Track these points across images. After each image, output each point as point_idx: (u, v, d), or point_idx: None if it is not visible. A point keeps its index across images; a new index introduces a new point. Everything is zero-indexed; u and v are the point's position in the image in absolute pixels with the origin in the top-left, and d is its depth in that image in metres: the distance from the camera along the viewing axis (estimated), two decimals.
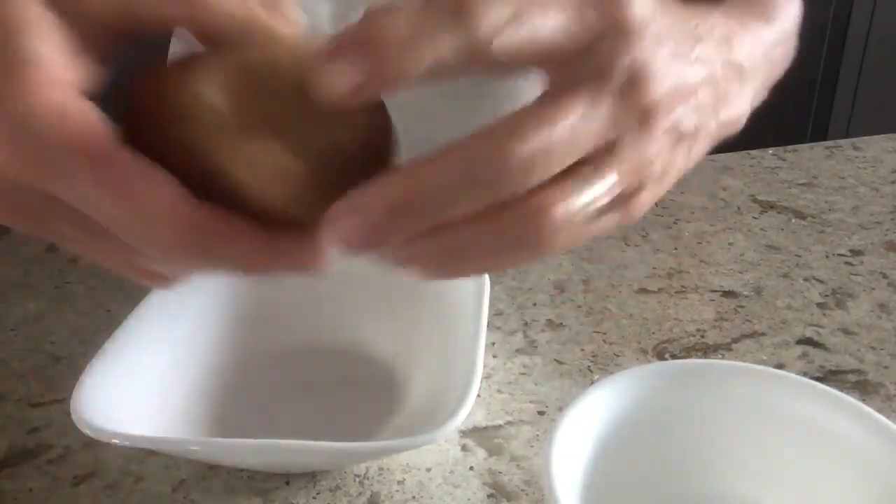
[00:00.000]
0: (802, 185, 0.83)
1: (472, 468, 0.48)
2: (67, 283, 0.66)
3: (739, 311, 0.63)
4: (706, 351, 0.58)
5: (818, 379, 0.52)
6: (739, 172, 0.85)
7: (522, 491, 0.47)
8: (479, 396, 0.52)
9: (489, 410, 0.52)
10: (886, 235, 0.73)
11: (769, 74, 0.42)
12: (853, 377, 0.56)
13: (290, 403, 0.53)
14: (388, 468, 0.48)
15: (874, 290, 0.66)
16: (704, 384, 0.42)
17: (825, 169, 0.86)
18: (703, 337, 0.60)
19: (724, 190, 0.82)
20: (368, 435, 0.49)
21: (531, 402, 0.53)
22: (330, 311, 0.58)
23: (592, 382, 0.50)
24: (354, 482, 0.47)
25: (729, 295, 0.65)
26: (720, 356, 0.58)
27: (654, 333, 0.60)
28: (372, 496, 0.46)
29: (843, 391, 0.41)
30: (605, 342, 0.59)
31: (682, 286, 0.66)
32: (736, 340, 0.59)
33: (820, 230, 0.74)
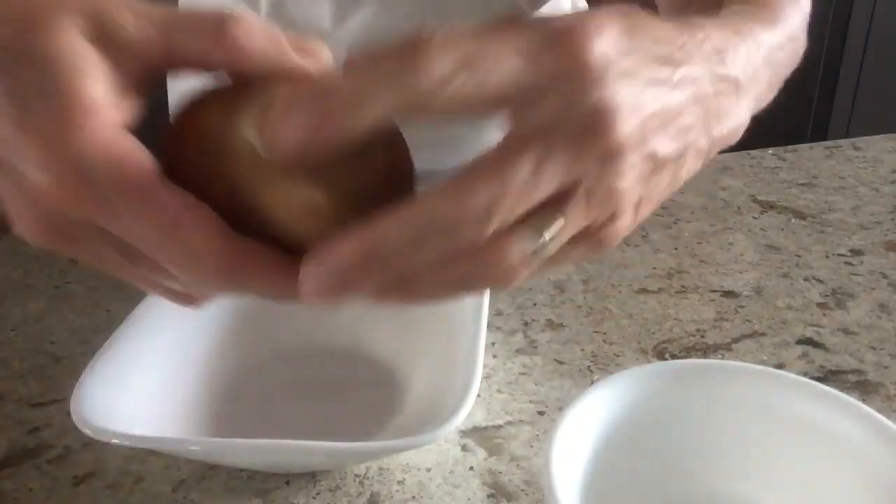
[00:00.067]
0: (802, 185, 0.83)
1: (472, 468, 0.48)
2: (67, 283, 0.66)
3: (739, 311, 0.63)
4: (706, 351, 0.58)
5: (818, 379, 0.52)
6: (739, 172, 0.85)
7: (522, 491, 0.47)
8: (479, 396, 0.52)
9: (489, 410, 0.52)
10: (886, 235, 0.73)
11: (773, 79, 0.42)
12: (853, 377, 0.56)
13: (290, 403, 0.53)
14: (388, 468, 0.48)
15: (874, 290, 0.66)
16: (704, 384, 0.42)
17: (825, 169, 0.86)
18: (703, 337, 0.60)
19: (724, 190, 0.82)
20: (368, 435, 0.49)
21: (531, 402, 0.53)
22: (330, 311, 0.58)
23: (592, 382, 0.50)
24: (354, 482, 0.47)
25: (729, 295, 0.65)
26: (720, 356, 0.58)
27: (654, 333, 0.60)
28: (372, 496, 0.46)
29: (843, 391, 0.41)
30: (605, 342, 0.59)
31: (682, 286, 0.66)
32: (736, 340, 0.59)
33: (820, 230, 0.74)
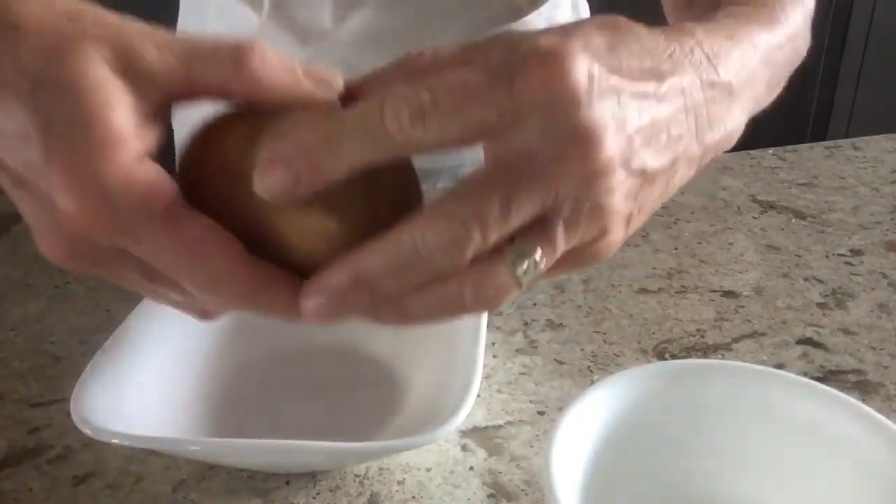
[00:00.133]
0: (802, 185, 0.83)
1: (472, 468, 0.48)
2: (67, 283, 0.66)
3: (739, 311, 0.63)
4: (706, 351, 0.58)
5: (818, 379, 0.52)
6: (739, 172, 0.85)
7: (522, 491, 0.47)
8: (479, 396, 0.52)
9: (489, 410, 0.52)
10: (886, 235, 0.73)
11: (772, 79, 0.42)
12: (853, 377, 0.56)
13: (290, 403, 0.53)
14: (388, 468, 0.48)
15: (874, 290, 0.66)
16: (704, 384, 0.42)
17: (825, 169, 0.86)
18: (703, 337, 0.60)
19: (724, 190, 0.82)
20: (368, 435, 0.49)
21: (531, 402, 0.53)
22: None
23: (592, 382, 0.50)
24: (354, 482, 0.47)
25: (729, 295, 0.65)
26: (720, 356, 0.58)
27: (654, 333, 0.60)
28: (372, 496, 0.46)
29: (843, 391, 0.41)
30: (605, 342, 0.59)
31: (682, 286, 0.66)
32: (736, 340, 0.59)
33: (820, 230, 0.74)
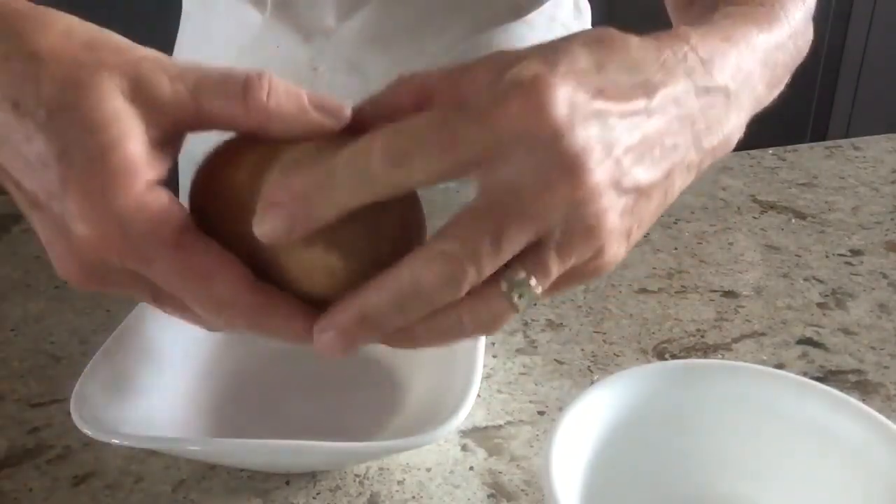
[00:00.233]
0: (802, 185, 0.83)
1: (472, 468, 0.48)
2: (67, 283, 0.66)
3: (739, 311, 0.63)
4: (706, 351, 0.58)
5: (818, 379, 0.52)
6: (739, 172, 0.85)
7: (522, 491, 0.46)
8: (479, 396, 0.52)
9: (489, 410, 0.52)
10: (886, 235, 0.73)
11: (772, 79, 0.42)
12: (853, 377, 0.56)
13: (290, 403, 0.53)
14: (388, 468, 0.48)
15: (874, 290, 0.66)
16: (704, 384, 0.42)
17: (825, 169, 0.86)
18: (703, 337, 0.60)
19: (724, 190, 0.82)
20: (368, 435, 0.49)
21: (531, 402, 0.53)
22: None
23: (592, 382, 0.50)
24: (354, 482, 0.47)
25: (729, 295, 0.65)
26: (720, 356, 0.58)
27: (654, 333, 0.60)
28: (372, 496, 0.46)
29: (843, 391, 0.41)
30: (605, 342, 0.59)
31: (682, 286, 0.66)
32: (736, 340, 0.59)
33: (820, 230, 0.74)
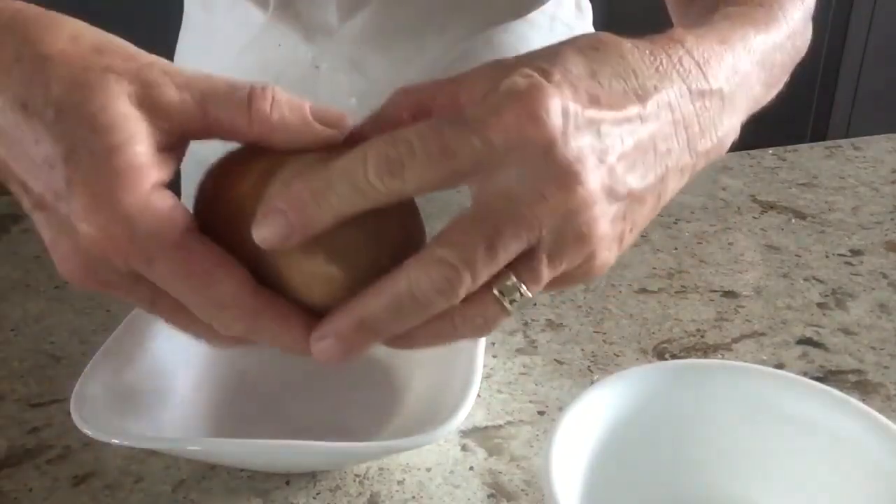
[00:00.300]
0: (802, 185, 0.83)
1: (472, 468, 0.48)
2: (67, 283, 0.66)
3: (739, 311, 0.63)
4: (706, 351, 0.58)
5: (818, 379, 0.52)
6: (739, 172, 0.85)
7: (522, 491, 0.46)
8: (479, 396, 0.52)
9: (489, 410, 0.52)
10: (886, 235, 0.73)
11: (770, 79, 0.42)
12: (853, 377, 0.56)
13: (289, 403, 0.53)
14: (388, 468, 0.48)
15: (874, 290, 0.66)
16: (704, 384, 0.42)
17: (825, 169, 0.86)
18: (703, 337, 0.60)
19: (724, 190, 0.82)
20: (368, 435, 0.49)
21: (531, 402, 0.53)
22: None
23: (592, 382, 0.50)
24: (354, 482, 0.47)
25: (729, 295, 0.65)
26: (720, 356, 0.58)
27: (654, 333, 0.60)
28: (372, 496, 0.46)
29: (843, 391, 0.41)
30: (605, 342, 0.59)
31: (682, 286, 0.66)
32: (736, 340, 0.59)
33: (820, 230, 0.74)
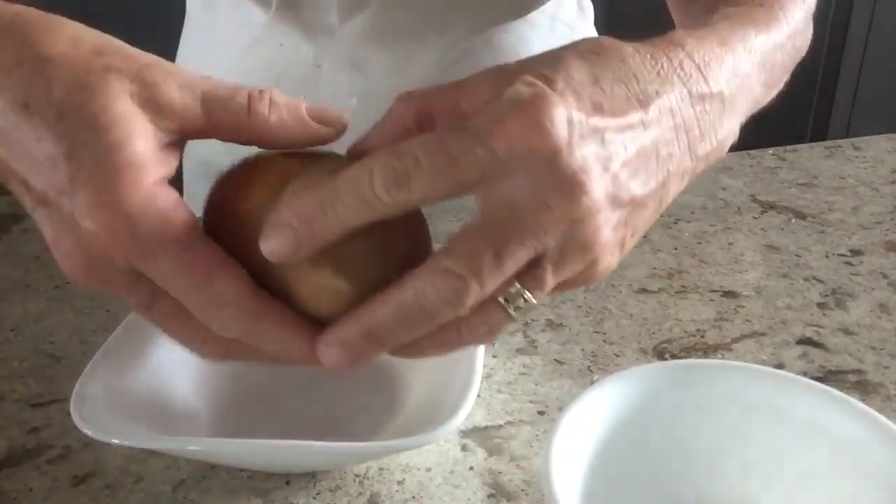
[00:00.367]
0: (802, 185, 0.83)
1: (472, 468, 0.48)
2: (67, 283, 0.66)
3: (739, 311, 0.63)
4: (706, 351, 0.58)
5: (818, 379, 0.52)
6: (739, 172, 0.85)
7: (522, 491, 0.46)
8: (479, 396, 0.52)
9: (489, 410, 0.52)
10: (886, 235, 0.73)
11: (770, 79, 0.42)
12: (853, 377, 0.56)
13: (289, 403, 0.53)
14: (388, 468, 0.48)
15: (874, 290, 0.66)
16: (704, 384, 0.42)
17: (825, 169, 0.86)
18: (703, 337, 0.60)
19: (724, 190, 0.82)
20: (368, 435, 0.49)
21: (531, 402, 0.53)
22: None
23: (592, 382, 0.50)
24: (354, 482, 0.47)
25: (729, 295, 0.65)
26: (720, 356, 0.58)
27: (654, 333, 0.60)
28: (372, 496, 0.46)
29: (843, 391, 0.41)
30: (605, 342, 0.59)
31: (682, 286, 0.66)
32: (736, 340, 0.59)
33: (820, 230, 0.74)
